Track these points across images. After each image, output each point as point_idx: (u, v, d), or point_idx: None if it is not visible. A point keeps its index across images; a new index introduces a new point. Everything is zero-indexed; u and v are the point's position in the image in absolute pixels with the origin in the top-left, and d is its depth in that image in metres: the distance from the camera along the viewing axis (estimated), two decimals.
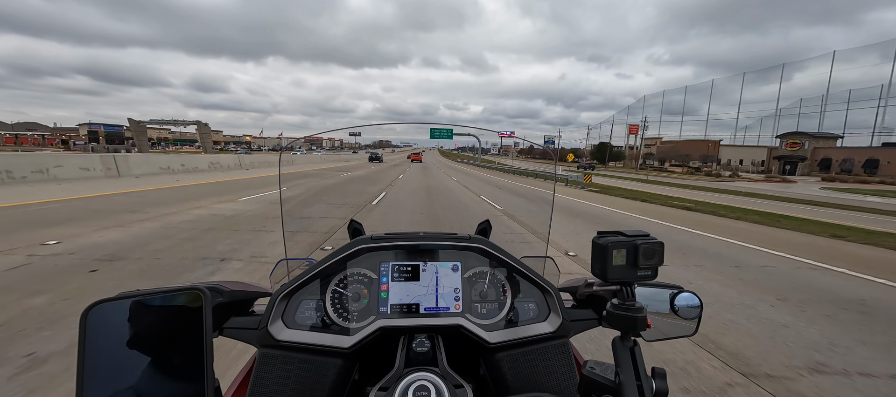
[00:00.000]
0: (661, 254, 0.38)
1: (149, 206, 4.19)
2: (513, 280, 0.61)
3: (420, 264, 0.59)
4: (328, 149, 61.60)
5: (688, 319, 0.50)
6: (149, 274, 1.99)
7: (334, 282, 0.60)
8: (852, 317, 1.87)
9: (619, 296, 0.40)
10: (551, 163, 46.20)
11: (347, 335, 0.55)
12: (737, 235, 3.92)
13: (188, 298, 0.33)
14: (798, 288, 2.29)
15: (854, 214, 6.48)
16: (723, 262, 2.73)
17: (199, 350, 0.32)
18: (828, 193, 14.11)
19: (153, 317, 0.33)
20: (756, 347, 1.46)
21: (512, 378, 0.54)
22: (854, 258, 3.03)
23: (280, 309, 0.58)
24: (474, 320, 0.57)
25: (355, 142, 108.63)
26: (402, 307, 0.58)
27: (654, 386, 0.36)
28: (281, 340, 0.54)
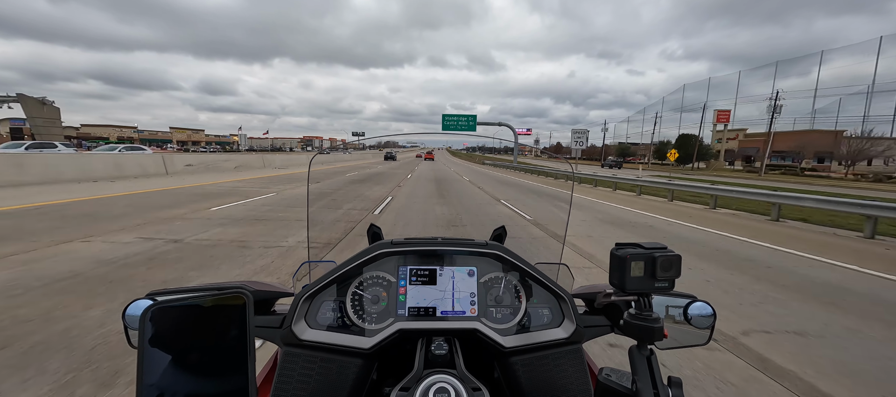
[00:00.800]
0: (679, 267, 0.41)
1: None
2: (527, 285, 0.65)
3: (437, 268, 0.65)
4: (329, 149, 67.32)
5: (701, 328, 0.54)
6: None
7: (354, 284, 0.65)
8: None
9: (637, 305, 0.44)
10: (590, 163, 47.61)
11: (367, 336, 0.60)
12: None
13: (232, 298, 0.36)
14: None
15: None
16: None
17: (241, 349, 0.34)
18: None
19: (201, 317, 0.36)
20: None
21: (526, 382, 0.58)
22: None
23: (303, 310, 0.62)
24: (490, 324, 0.62)
25: (359, 143, 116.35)
26: (419, 310, 0.63)
27: (671, 395, 0.39)
28: (304, 339, 0.59)
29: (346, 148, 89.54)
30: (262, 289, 0.65)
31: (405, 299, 0.63)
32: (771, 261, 3.59)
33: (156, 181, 8.59)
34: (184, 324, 0.35)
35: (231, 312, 0.36)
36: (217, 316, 0.37)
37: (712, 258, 3.70)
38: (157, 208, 5.29)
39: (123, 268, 2.83)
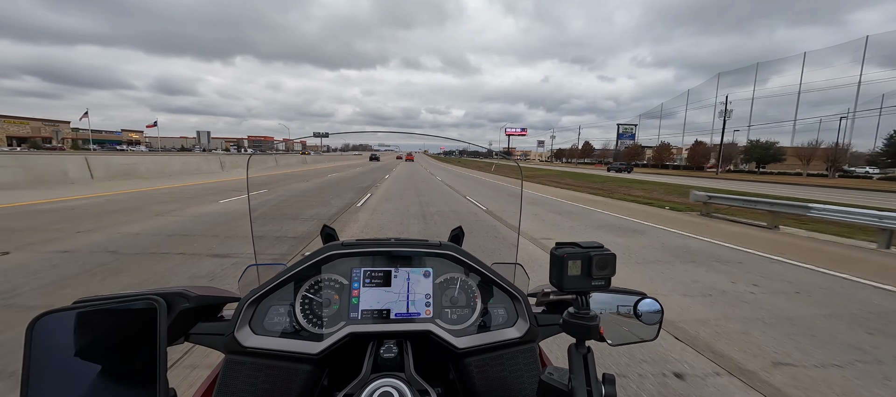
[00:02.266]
0: (614, 265, 0.49)
1: None
2: (483, 286, 0.73)
3: (392, 270, 0.71)
4: (272, 150, 65.08)
5: (650, 324, 0.63)
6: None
7: (305, 287, 0.69)
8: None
9: (575, 304, 0.50)
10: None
11: (317, 341, 0.64)
12: None
13: (143, 306, 0.37)
14: None
15: None
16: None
17: (151, 360, 0.36)
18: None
19: (105, 327, 0.37)
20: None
21: (480, 382, 0.65)
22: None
23: (248, 315, 0.66)
24: (444, 325, 0.69)
25: (322, 145, 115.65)
26: (373, 313, 0.68)
27: (603, 392, 0.46)
28: (248, 346, 0.62)
29: (306, 150, 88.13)
30: (208, 294, 0.67)
31: (358, 302, 0.68)
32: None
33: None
34: (86, 336, 0.36)
35: (141, 321, 0.37)
36: (126, 325, 0.38)
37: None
38: None
39: None
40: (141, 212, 6.25)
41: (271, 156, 27.59)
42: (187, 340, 0.66)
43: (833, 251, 5.27)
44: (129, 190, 9.25)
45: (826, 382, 2.03)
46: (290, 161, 31.67)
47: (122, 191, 9.08)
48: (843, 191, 19.81)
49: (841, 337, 2.59)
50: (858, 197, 15.60)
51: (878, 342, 2.51)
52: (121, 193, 8.51)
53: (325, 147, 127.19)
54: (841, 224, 6.78)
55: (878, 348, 2.41)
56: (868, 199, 14.11)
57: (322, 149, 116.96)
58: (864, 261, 4.82)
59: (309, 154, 54.55)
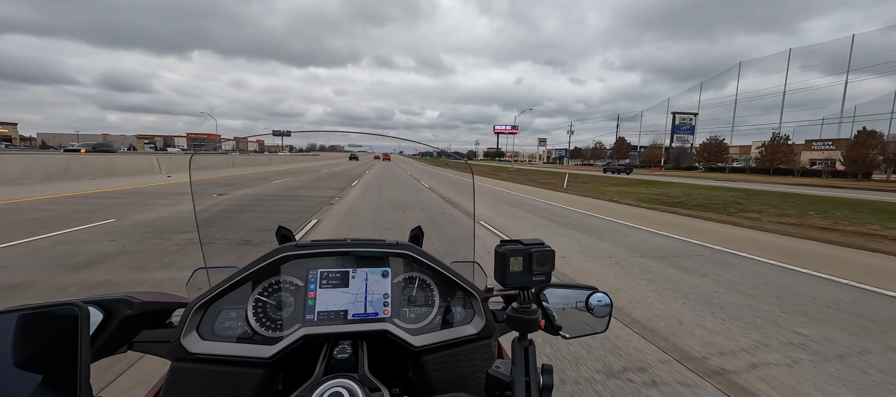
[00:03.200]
0: (553, 261, 0.56)
1: None
2: (442, 284, 0.80)
3: (350, 271, 0.75)
4: (230, 150, 63.16)
5: (600, 317, 0.73)
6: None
7: (258, 290, 0.72)
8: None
9: (519, 299, 0.57)
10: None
11: (270, 344, 0.67)
12: None
13: (63, 313, 0.38)
14: None
15: None
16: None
17: (72, 371, 0.37)
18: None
19: (25, 336, 0.38)
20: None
21: (437, 380, 0.71)
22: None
23: (195, 320, 0.68)
24: (402, 325, 0.74)
25: (283, 146, 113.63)
26: (329, 314, 0.72)
27: (541, 381, 0.53)
28: (195, 353, 0.64)
29: (263, 149, 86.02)
30: (155, 300, 0.69)
31: (314, 303, 0.72)
32: None
33: None
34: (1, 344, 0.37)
35: (66, 329, 0.38)
36: (46, 335, 0.38)
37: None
38: None
39: None
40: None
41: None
42: (130, 349, 0.66)
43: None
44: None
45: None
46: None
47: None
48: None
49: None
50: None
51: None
52: None
53: (288, 147, 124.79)
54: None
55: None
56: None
57: (284, 149, 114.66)
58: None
59: (277, 151, 54.16)
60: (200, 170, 19.60)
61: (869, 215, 9.60)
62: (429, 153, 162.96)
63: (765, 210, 10.39)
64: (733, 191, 15.83)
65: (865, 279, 4.30)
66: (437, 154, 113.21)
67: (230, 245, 4.91)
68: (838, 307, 3.38)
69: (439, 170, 32.70)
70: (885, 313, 3.29)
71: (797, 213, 9.73)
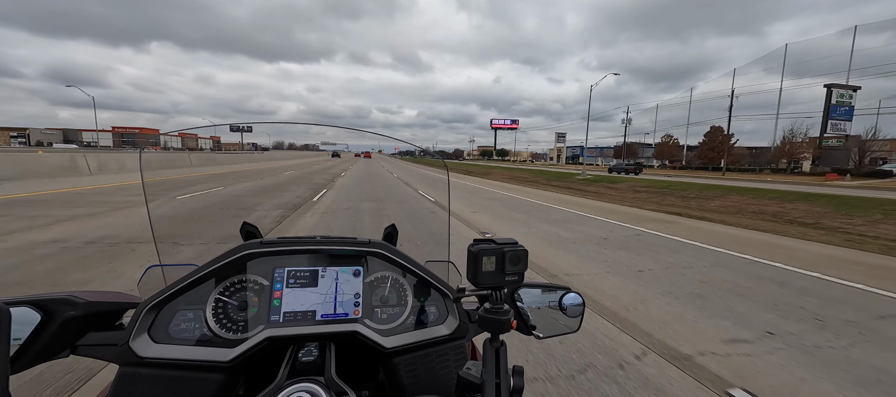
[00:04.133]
0: (526, 261, 0.60)
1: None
2: (415, 284, 0.83)
3: (319, 269, 0.77)
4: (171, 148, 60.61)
5: (573, 317, 0.80)
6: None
7: (218, 289, 0.73)
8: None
9: (491, 299, 0.60)
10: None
11: (230, 347, 0.67)
12: None
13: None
14: None
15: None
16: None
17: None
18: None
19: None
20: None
21: (408, 381, 0.74)
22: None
23: (147, 322, 0.68)
24: (373, 325, 0.76)
25: (246, 144, 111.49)
26: (296, 314, 0.73)
27: (512, 383, 0.56)
28: (146, 357, 0.64)
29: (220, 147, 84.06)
30: (102, 300, 0.68)
31: (280, 304, 0.73)
32: None
33: None
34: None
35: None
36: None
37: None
38: None
39: None
40: None
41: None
42: (74, 353, 0.65)
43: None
44: None
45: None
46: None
47: None
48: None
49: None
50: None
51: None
52: None
53: (251, 145, 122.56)
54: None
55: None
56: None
57: (246, 147, 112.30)
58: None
59: (239, 150, 54.69)
60: (127, 172, 17.25)
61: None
62: (410, 152, 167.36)
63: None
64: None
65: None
66: (421, 153, 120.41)
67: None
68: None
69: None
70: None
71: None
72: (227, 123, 1.55)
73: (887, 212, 10.18)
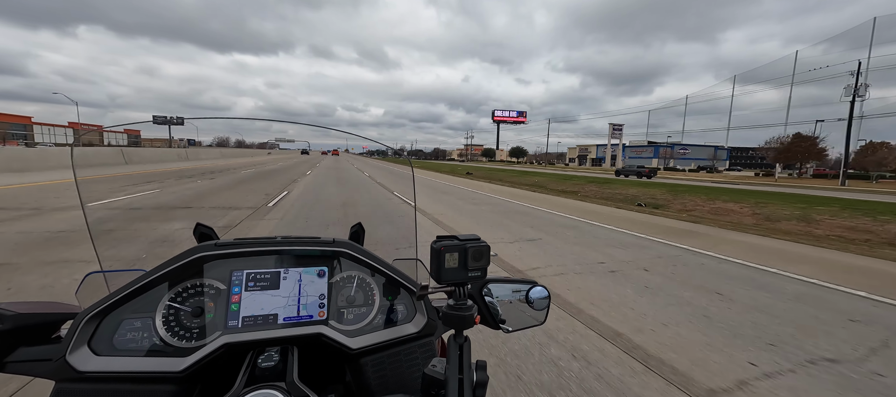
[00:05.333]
0: (488, 256, 0.68)
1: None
2: (383, 283, 0.89)
3: (281, 271, 0.81)
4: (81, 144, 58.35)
5: (539, 309, 0.92)
6: None
7: (169, 296, 0.75)
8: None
9: (454, 296, 0.67)
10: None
11: (183, 356, 0.70)
12: None
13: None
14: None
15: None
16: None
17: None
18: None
19: None
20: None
21: (376, 382, 0.79)
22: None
23: (87, 333, 0.69)
24: (339, 327, 0.81)
25: (179, 141, 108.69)
26: (257, 319, 0.77)
27: (474, 378, 0.63)
28: (85, 371, 0.65)
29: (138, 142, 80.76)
30: (36, 311, 0.68)
31: (239, 308, 0.77)
32: None
33: None
34: None
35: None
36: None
37: None
38: None
39: None
40: None
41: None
42: (2, 370, 0.66)
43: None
44: None
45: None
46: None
47: None
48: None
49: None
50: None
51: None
52: None
53: (185, 141, 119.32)
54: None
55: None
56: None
57: (179, 143, 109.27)
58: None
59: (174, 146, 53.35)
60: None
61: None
62: (380, 151, 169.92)
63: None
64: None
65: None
66: (395, 153, 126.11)
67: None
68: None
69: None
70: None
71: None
72: (152, 121, 1.57)
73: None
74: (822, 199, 15.93)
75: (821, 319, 3.81)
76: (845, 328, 3.65)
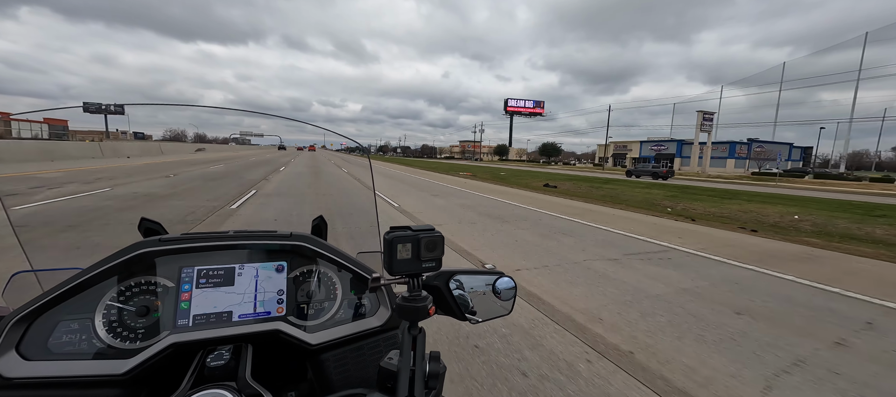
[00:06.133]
0: (443, 246, 0.71)
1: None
2: (347, 277, 0.92)
3: (235, 267, 0.83)
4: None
5: (506, 300, 0.99)
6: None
7: (110, 295, 0.76)
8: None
9: (409, 287, 0.70)
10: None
11: (126, 358, 0.70)
12: None
13: None
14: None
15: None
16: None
17: None
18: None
19: None
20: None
21: (337, 377, 0.82)
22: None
23: (14, 337, 0.68)
24: (298, 322, 0.83)
25: (121, 131, 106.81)
26: (209, 317, 0.78)
27: (427, 369, 0.67)
28: (14, 377, 0.65)
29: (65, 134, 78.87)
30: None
31: (189, 306, 0.78)
32: None
33: None
34: None
35: None
36: None
37: None
38: None
39: None
40: None
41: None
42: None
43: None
44: None
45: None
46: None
47: None
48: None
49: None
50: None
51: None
52: None
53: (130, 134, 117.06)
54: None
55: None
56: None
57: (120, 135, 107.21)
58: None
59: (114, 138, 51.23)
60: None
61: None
62: (360, 148, 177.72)
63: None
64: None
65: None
66: (378, 149, 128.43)
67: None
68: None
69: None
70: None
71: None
72: (83, 109, 1.55)
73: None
74: None
75: None
76: None
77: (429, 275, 0.96)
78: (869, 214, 12.65)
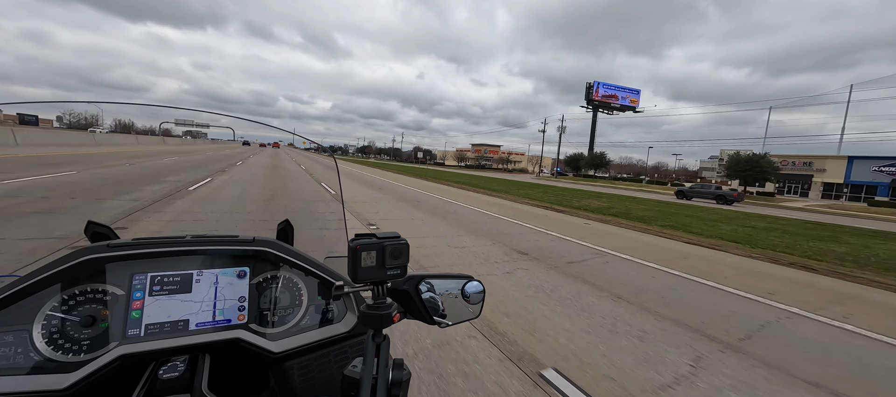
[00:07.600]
0: (408, 254, 0.81)
1: None
2: (314, 282, 0.97)
3: (193, 273, 0.88)
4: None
5: (474, 304, 1.16)
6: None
7: (50, 304, 0.78)
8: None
9: (373, 295, 0.78)
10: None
11: (69, 372, 0.71)
12: None
13: None
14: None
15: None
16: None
17: None
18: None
19: None
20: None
21: (301, 385, 0.87)
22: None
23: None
24: (260, 330, 0.86)
25: (71, 113, 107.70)
26: (163, 326, 0.82)
27: (390, 377, 0.74)
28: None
29: None
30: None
31: (141, 315, 0.81)
32: None
33: None
34: None
35: None
36: None
37: None
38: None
39: None
40: None
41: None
42: None
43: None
44: None
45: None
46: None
47: None
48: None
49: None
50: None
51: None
52: None
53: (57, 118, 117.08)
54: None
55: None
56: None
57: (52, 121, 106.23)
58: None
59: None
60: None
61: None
62: (329, 149, 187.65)
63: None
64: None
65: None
66: (357, 151, 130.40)
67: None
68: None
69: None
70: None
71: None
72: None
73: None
74: None
75: None
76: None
77: (398, 279, 1.04)
78: None
